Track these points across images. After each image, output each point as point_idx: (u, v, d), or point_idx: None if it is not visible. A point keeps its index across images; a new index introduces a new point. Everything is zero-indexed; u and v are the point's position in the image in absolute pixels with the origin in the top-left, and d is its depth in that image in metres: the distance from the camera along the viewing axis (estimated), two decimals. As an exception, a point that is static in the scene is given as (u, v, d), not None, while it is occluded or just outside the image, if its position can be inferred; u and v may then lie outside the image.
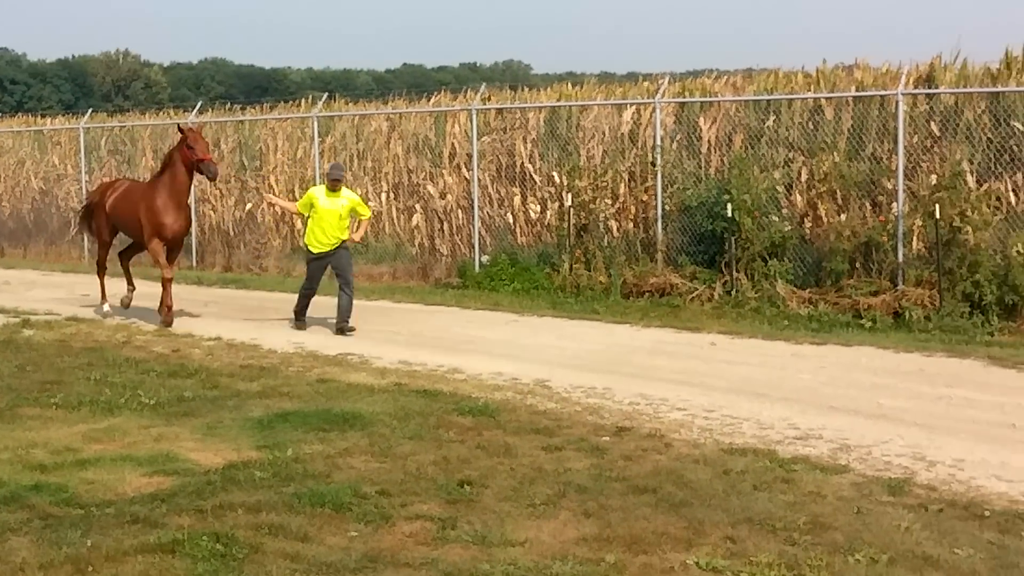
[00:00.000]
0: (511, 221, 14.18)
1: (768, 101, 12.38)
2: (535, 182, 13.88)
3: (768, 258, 11.22)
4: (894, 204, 10.82)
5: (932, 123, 11.02)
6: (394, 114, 16.23)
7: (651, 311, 11.04)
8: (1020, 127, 10.28)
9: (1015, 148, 10.33)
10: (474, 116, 14.02)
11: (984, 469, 5.41)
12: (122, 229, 11.29)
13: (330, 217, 9.90)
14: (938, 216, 9.92)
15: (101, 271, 11.70)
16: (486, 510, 4.77)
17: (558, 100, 14.75)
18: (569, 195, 12.68)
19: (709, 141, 12.66)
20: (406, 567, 4.12)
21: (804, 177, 11.82)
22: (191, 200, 13.27)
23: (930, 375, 7.95)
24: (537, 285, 12.57)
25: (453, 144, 14.92)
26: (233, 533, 4.44)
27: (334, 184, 10.02)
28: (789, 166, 11.93)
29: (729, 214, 11.08)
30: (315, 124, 15.79)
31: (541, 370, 8.07)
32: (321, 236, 9.99)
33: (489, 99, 15.07)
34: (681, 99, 13.12)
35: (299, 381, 7.78)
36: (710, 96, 13.08)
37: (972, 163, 10.54)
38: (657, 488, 5.06)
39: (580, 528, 4.53)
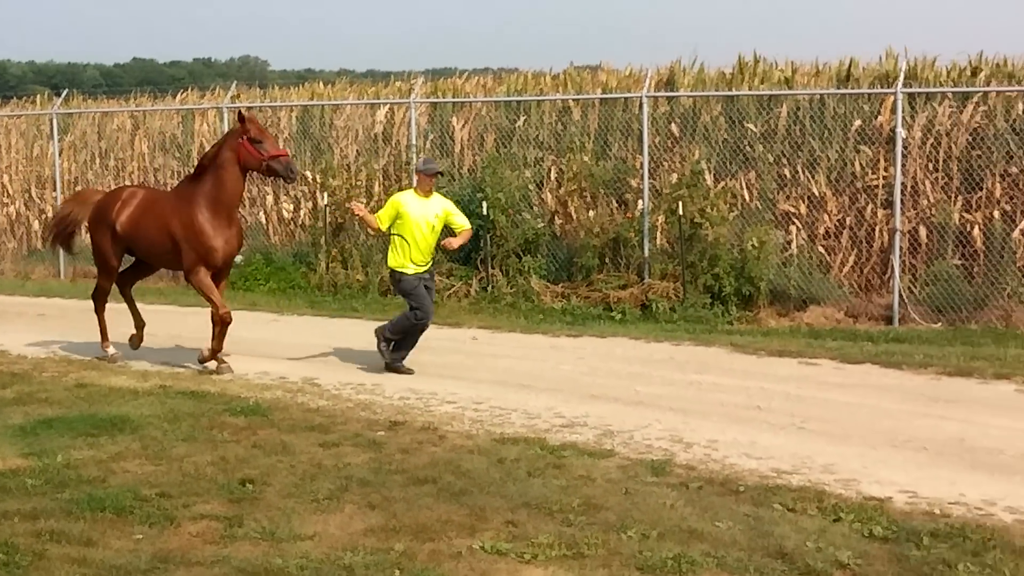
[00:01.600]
0: (263, 220, 14.20)
1: (519, 102, 12.98)
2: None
3: (522, 254, 11.67)
4: (640, 201, 11.55)
5: (673, 124, 11.88)
6: (139, 112, 15.89)
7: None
8: (753, 128, 11.34)
9: (749, 148, 11.39)
10: (226, 114, 13.81)
11: (736, 448, 5.91)
12: (142, 254, 8.46)
13: (424, 229, 7.84)
14: (680, 213, 10.68)
15: (101, 305, 8.68)
16: (271, 507, 4.84)
17: (311, 99, 14.93)
18: (324, 194, 12.75)
19: (462, 141, 13.08)
20: (198, 566, 4.17)
21: (554, 176, 12.36)
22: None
23: (680, 363, 8.55)
24: (294, 284, 12.62)
25: (202, 143, 14.54)
26: (12, 541, 4.39)
27: (428, 184, 7.96)
28: (540, 165, 12.47)
29: (484, 212, 11.31)
30: (54, 121, 15.32)
31: (308, 369, 8.15)
32: (417, 255, 7.85)
33: (239, 97, 14.92)
34: (435, 99, 13.52)
35: (56, 386, 7.56)
36: (462, 97, 13.60)
37: (710, 162, 11.49)
38: (436, 478, 5.26)
39: (366, 520, 4.67)
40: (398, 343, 7.90)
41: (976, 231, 10.32)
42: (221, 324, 7.78)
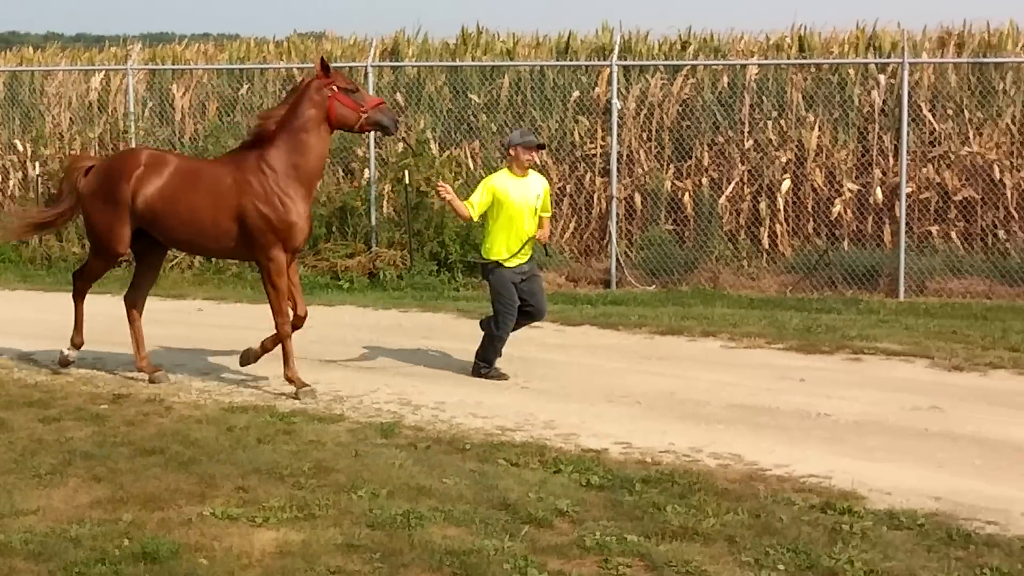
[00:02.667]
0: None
1: (242, 70, 12.99)
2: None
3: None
4: (366, 171, 11.55)
5: (398, 94, 11.99)
6: None
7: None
8: (476, 99, 11.66)
9: (473, 118, 11.71)
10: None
11: (462, 409, 6.15)
12: (170, 236, 6.73)
13: (525, 214, 6.74)
14: (407, 182, 10.72)
15: (81, 294, 7.05)
16: (-11, 484, 4.70)
17: (19, 64, 14.55)
18: (35, 164, 12.50)
19: (183, 109, 12.98)
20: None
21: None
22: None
23: (407, 329, 8.68)
24: (4, 258, 12.16)
25: None
26: None
27: (528, 160, 6.82)
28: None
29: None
30: None
31: (24, 344, 7.83)
32: (513, 242, 6.75)
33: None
34: (154, 66, 13.40)
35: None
36: (183, 64, 13.47)
37: (435, 132, 11.72)
38: (164, 449, 5.26)
39: (92, 492, 4.66)
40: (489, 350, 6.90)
41: (687, 198, 11.28)
42: (296, 324, 6.56)
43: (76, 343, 6.98)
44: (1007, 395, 6.57)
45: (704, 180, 11.29)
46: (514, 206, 6.66)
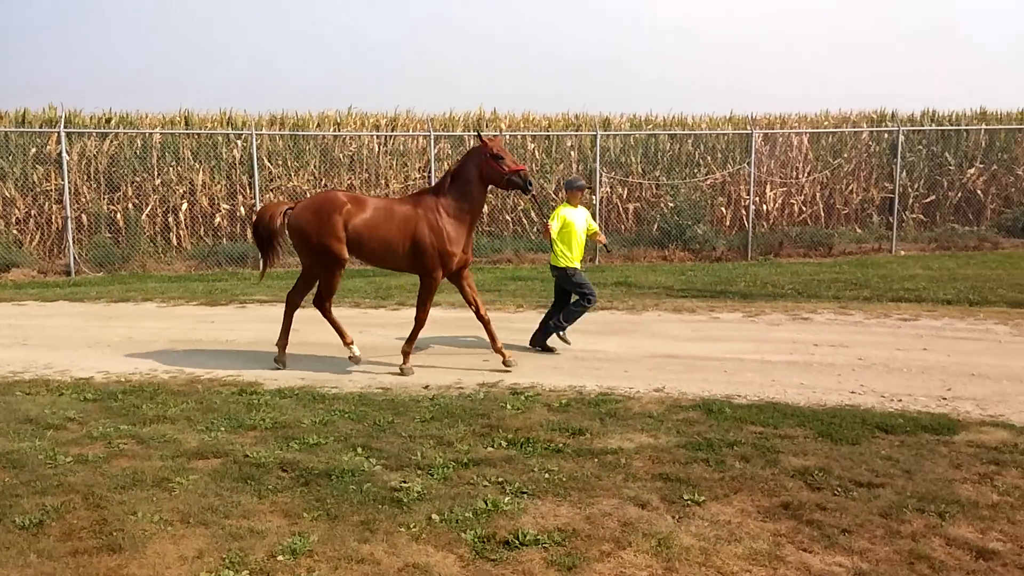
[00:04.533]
0: None
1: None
2: None
3: None
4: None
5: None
6: None
7: None
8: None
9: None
10: None
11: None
12: (373, 257, 7.53)
13: (580, 234, 8.36)
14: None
15: (329, 313, 7.79)
16: None
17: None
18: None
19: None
20: None
21: None
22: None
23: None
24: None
25: None
26: None
27: (578, 197, 8.48)
28: None
29: None
30: None
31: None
32: (578, 254, 8.39)
33: None
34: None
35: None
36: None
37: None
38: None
39: None
40: (543, 323, 8.45)
41: (119, 216, 16.09)
42: (418, 325, 7.56)
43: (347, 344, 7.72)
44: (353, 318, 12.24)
45: (130, 205, 16.25)
46: (576, 228, 8.30)
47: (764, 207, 18.20)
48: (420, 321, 7.51)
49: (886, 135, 18.33)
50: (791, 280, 13.04)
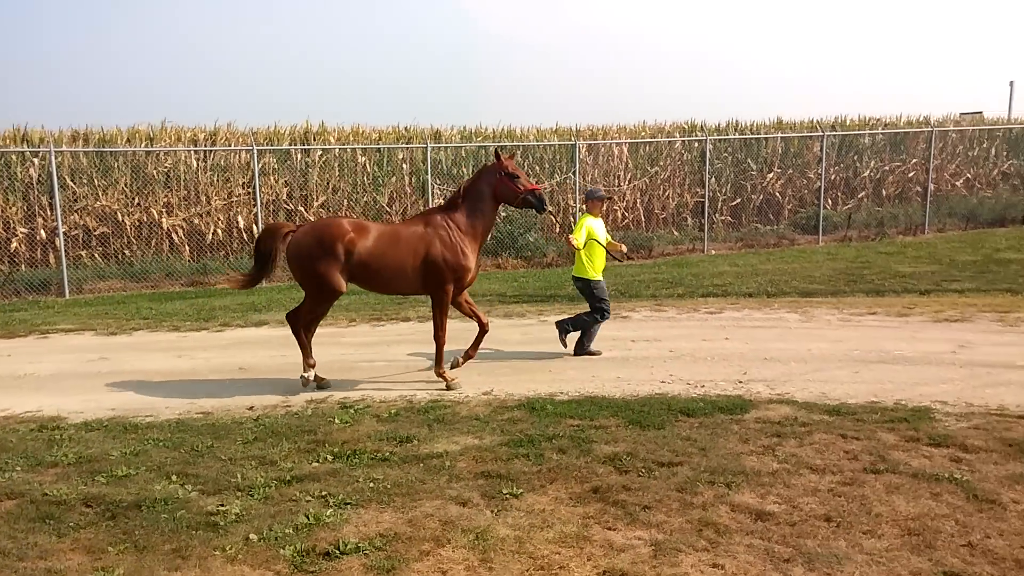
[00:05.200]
0: None
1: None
2: None
3: None
4: None
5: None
6: None
7: None
8: None
9: None
10: None
11: None
12: (377, 286, 7.27)
13: (603, 243, 8.34)
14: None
15: (299, 330, 7.30)
16: None
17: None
18: None
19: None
20: None
21: None
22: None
23: None
24: None
25: None
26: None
27: (600, 207, 8.48)
28: None
29: None
30: None
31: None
32: (599, 263, 8.38)
33: None
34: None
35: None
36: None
37: None
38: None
39: None
40: (581, 333, 8.38)
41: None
42: (439, 341, 7.40)
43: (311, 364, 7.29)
44: (151, 343, 10.06)
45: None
46: (599, 238, 8.32)
47: (590, 214, 19.00)
48: (440, 340, 7.39)
49: (696, 144, 19.61)
50: (614, 281, 13.70)
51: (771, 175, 20.36)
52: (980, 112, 27.74)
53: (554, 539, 4.19)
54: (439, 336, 7.39)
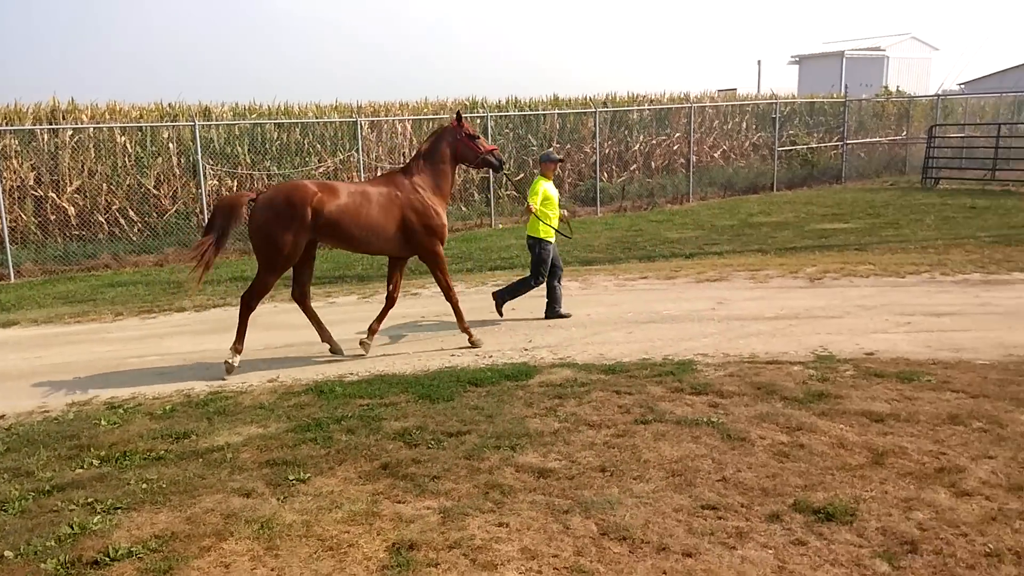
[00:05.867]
0: None
1: None
2: None
3: None
4: None
5: None
6: None
7: None
8: None
9: None
10: None
11: None
12: (354, 243, 7.20)
13: (556, 206, 8.58)
14: None
15: (255, 305, 7.19)
16: None
17: None
18: None
19: None
20: None
21: None
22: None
23: None
24: None
25: None
26: None
27: (553, 169, 8.68)
28: None
29: None
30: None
31: None
32: (552, 224, 8.53)
33: None
34: None
35: None
36: None
37: None
38: None
39: None
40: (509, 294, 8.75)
41: None
42: (452, 299, 7.77)
43: (238, 350, 7.14)
44: None
45: None
46: (551, 199, 8.55)
47: (376, 192, 18.84)
48: (453, 300, 7.72)
49: (478, 120, 19.96)
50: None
51: (550, 149, 21.18)
52: (734, 89, 30.46)
53: (343, 519, 4.17)
54: (450, 297, 7.72)
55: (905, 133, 26.54)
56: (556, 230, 8.68)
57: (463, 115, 7.76)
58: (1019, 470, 4.48)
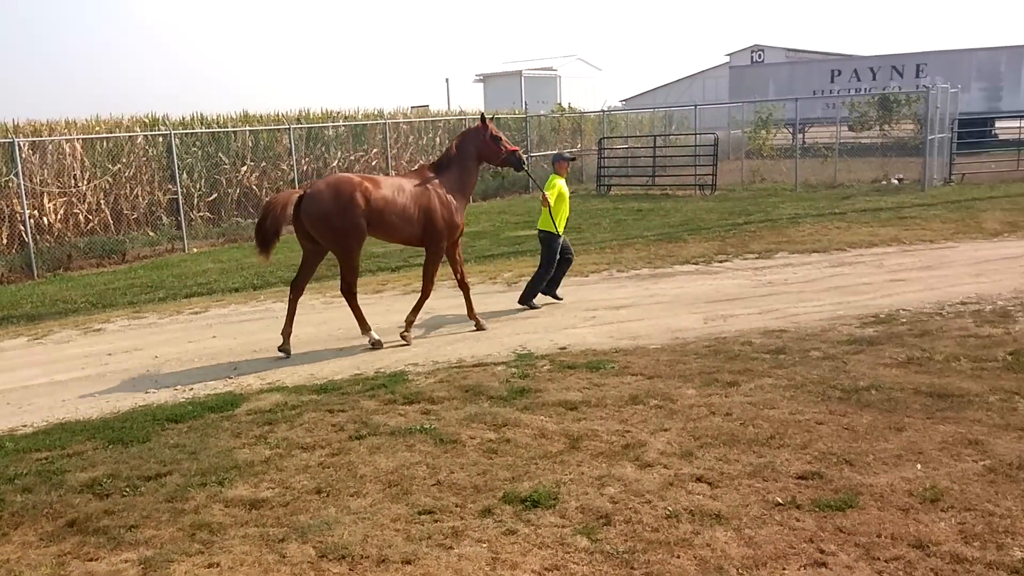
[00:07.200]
0: None
1: None
2: None
3: None
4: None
5: None
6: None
7: None
8: None
9: None
10: None
11: None
12: (384, 233, 7.85)
13: (568, 202, 9.26)
14: None
15: (354, 297, 7.88)
16: None
17: None
18: None
19: None
20: None
21: None
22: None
23: None
24: None
25: None
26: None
27: (567, 168, 9.36)
28: None
29: None
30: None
31: None
32: (562, 220, 9.19)
33: None
34: None
35: None
36: None
37: None
38: None
39: None
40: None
41: None
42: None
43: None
44: None
45: None
46: (566, 196, 9.16)
47: (45, 220, 16.79)
48: (426, 291, 8.16)
49: (161, 139, 18.61)
50: (84, 293, 12.40)
51: (244, 168, 20.35)
52: (427, 105, 31.41)
53: (23, 591, 3.67)
54: (425, 286, 8.14)
55: (580, 146, 29.16)
56: (551, 231, 9.23)
57: (486, 118, 8.32)
58: (689, 439, 5.12)
